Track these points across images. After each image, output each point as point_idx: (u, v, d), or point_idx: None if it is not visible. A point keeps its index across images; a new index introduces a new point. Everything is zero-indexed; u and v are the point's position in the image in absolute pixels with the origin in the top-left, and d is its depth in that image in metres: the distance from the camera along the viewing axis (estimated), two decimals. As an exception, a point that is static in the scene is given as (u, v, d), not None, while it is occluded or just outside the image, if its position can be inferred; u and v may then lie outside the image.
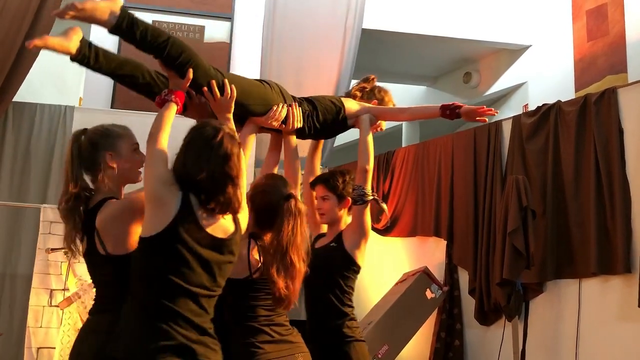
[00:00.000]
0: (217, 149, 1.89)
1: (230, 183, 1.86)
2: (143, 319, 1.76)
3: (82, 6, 1.99)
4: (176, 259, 1.79)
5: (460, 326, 4.49)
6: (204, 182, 1.85)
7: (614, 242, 3.53)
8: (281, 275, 2.05)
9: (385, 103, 2.76)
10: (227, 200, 1.86)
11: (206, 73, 2.25)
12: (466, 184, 4.54)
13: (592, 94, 3.84)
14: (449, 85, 7.37)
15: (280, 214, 2.11)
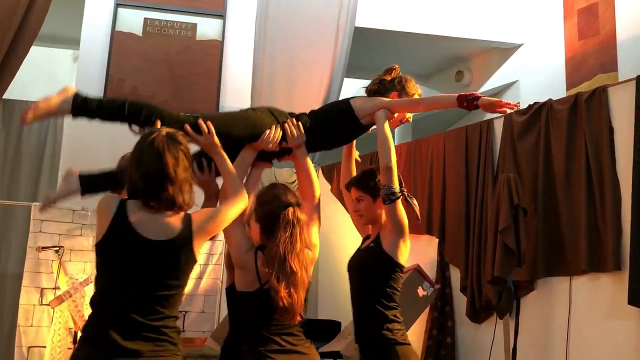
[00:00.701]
0: (149, 148, 1.94)
1: (168, 181, 1.91)
2: None
3: (37, 105, 2.12)
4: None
5: (452, 324, 4.51)
6: (139, 183, 1.92)
7: (604, 240, 3.55)
8: (282, 283, 2.04)
9: (407, 93, 2.63)
10: (169, 197, 1.91)
11: (175, 119, 2.24)
12: (458, 182, 4.56)
13: (583, 93, 3.86)
14: (441, 83, 7.39)
15: (278, 222, 2.14)
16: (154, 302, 1.89)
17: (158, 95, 5.59)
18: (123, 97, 2.31)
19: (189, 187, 1.98)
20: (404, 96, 2.57)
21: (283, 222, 2.13)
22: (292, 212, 2.18)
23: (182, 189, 1.94)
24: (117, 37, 5.55)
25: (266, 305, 2.10)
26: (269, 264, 2.10)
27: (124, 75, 5.55)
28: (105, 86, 5.48)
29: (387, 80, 2.61)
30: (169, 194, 1.90)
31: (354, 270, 2.58)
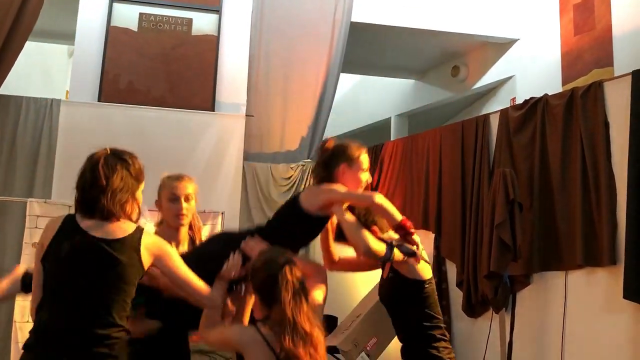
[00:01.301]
0: (88, 162, 2.07)
1: (100, 191, 1.99)
2: None
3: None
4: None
5: (448, 318, 4.52)
6: (78, 195, 2.05)
7: (599, 234, 3.56)
8: (299, 345, 1.97)
9: (353, 159, 2.43)
10: (103, 207, 1.99)
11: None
12: (454, 177, 4.57)
13: (579, 88, 3.87)
14: (437, 78, 7.39)
15: (279, 284, 2.04)
16: (99, 307, 1.91)
17: (154, 91, 5.57)
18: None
19: (130, 199, 2.05)
20: (353, 164, 2.41)
21: (283, 283, 2.03)
22: (289, 271, 2.08)
23: (118, 199, 2.00)
24: (112, 32, 5.52)
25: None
26: (280, 332, 1.99)
27: (119, 71, 5.52)
28: (100, 82, 5.46)
29: (328, 157, 2.42)
30: (102, 204, 1.98)
31: (386, 302, 2.55)
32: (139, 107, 5.41)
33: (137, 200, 2.11)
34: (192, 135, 5.44)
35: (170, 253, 2.08)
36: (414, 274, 2.41)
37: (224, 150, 5.52)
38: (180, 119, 5.46)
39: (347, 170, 2.39)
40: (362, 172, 2.44)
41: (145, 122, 5.37)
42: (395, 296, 2.46)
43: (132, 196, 2.08)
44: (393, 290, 2.46)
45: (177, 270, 2.06)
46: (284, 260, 2.11)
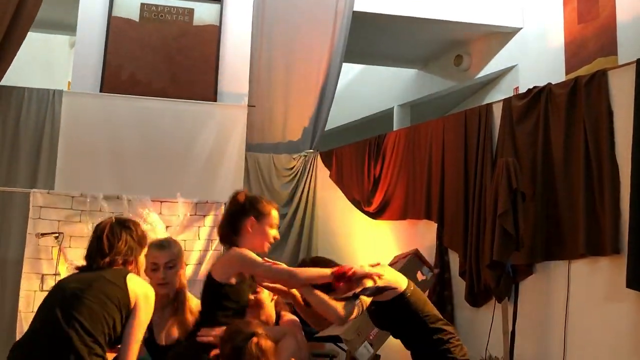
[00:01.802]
0: (93, 234, 2.28)
1: (100, 256, 2.19)
2: None
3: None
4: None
5: (451, 308, 4.53)
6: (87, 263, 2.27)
7: (602, 223, 3.56)
8: None
9: (262, 213, 2.36)
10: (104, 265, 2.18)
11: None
12: (457, 166, 4.56)
13: (582, 77, 3.85)
14: (440, 68, 7.36)
15: (244, 356, 2.07)
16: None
17: (155, 81, 5.57)
18: None
19: (133, 262, 2.20)
20: (261, 218, 2.34)
21: (247, 356, 2.05)
22: (255, 344, 2.08)
23: (118, 262, 2.15)
24: (113, 22, 5.51)
25: None
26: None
27: (121, 61, 5.52)
28: (102, 72, 5.45)
29: (236, 210, 2.35)
30: (103, 262, 2.14)
31: (384, 328, 2.58)
32: (141, 98, 5.41)
33: (139, 264, 2.22)
34: (194, 126, 5.44)
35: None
36: (391, 294, 2.37)
37: (226, 140, 5.52)
38: (182, 110, 5.46)
39: (255, 224, 2.32)
40: (270, 227, 2.37)
41: (147, 113, 5.37)
42: (387, 320, 2.45)
43: (135, 260, 2.20)
44: (383, 317, 2.44)
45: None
46: (250, 332, 2.11)
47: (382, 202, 5.21)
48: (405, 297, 2.39)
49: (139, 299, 2.11)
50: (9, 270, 4.95)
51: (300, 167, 5.92)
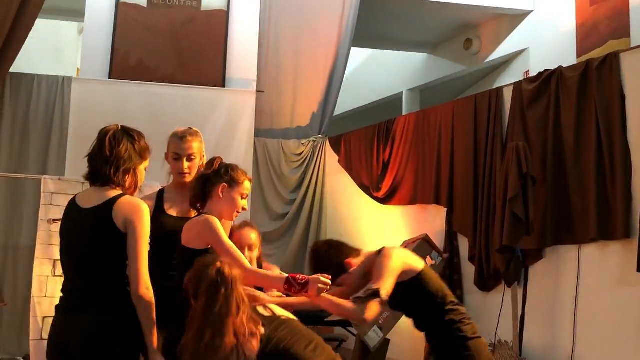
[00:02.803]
0: (98, 137, 2.26)
1: (103, 160, 2.16)
2: None
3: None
4: None
5: (460, 292, 4.53)
6: (88, 166, 2.25)
7: (613, 207, 3.53)
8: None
9: (236, 181, 2.38)
10: (105, 175, 2.15)
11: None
12: (467, 151, 4.53)
13: (594, 59, 3.80)
14: (450, 52, 7.30)
15: (203, 281, 2.02)
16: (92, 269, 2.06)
17: (163, 67, 5.56)
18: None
19: (131, 172, 2.16)
20: (234, 185, 2.36)
21: (207, 282, 1.98)
22: (216, 270, 2.00)
23: (120, 169, 2.12)
24: (122, 8, 5.50)
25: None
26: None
27: (129, 48, 5.51)
28: (110, 58, 5.46)
29: (212, 173, 2.38)
30: (104, 172, 2.12)
31: (399, 309, 2.57)
32: (149, 84, 5.41)
33: (137, 176, 2.19)
34: (203, 112, 5.44)
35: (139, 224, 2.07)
36: (409, 274, 2.38)
37: (235, 126, 5.52)
38: (191, 96, 5.46)
39: (226, 191, 2.35)
40: (240, 197, 2.38)
41: (156, 99, 5.37)
42: (403, 299, 2.43)
43: (134, 170, 2.17)
44: (398, 297, 2.39)
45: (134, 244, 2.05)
46: (213, 259, 2.07)
47: (391, 187, 5.21)
48: (420, 278, 2.41)
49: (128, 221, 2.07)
50: (21, 256, 5.01)
51: (309, 152, 5.92)
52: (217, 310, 1.95)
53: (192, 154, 2.65)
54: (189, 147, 2.65)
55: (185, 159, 2.63)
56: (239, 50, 5.72)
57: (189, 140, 2.67)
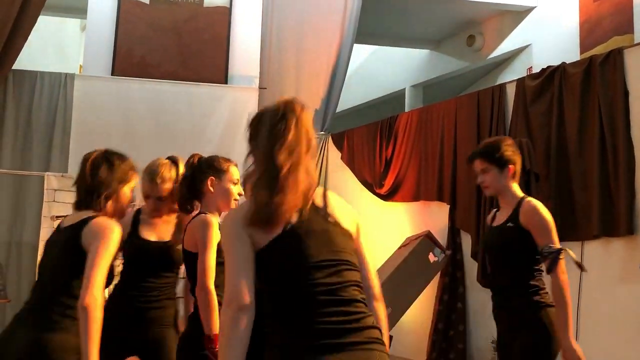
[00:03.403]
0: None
1: (82, 187, 2.15)
2: None
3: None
4: None
5: (463, 289, 4.53)
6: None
7: (616, 204, 3.53)
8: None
9: (221, 170, 2.29)
10: (82, 201, 2.16)
11: None
12: (469, 147, 4.51)
13: (598, 56, 3.79)
14: (453, 48, 7.28)
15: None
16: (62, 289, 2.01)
17: (166, 64, 5.56)
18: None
19: (112, 196, 2.11)
20: (221, 175, 2.27)
21: (271, 114, 1.59)
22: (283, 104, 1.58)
23: (101, 196, 2.09)
24: (124, 5, 5.50)
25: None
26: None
27: (132, 44, 5.51)
28: (113, 55, 5.46)
29: (193, 171, 2.29)
30: (86, 199, 2.10)
31: (496, 248, 2.48)
32: (152, 81, 5.41)
33: (120, 201, 2.14)
34: (205, 109, 5.44)
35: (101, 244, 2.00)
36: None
37: (238, 123, 5.51)
38: (193, 92, 5.46)
39: (215, 184, 2.26)
40: (232, 184, 2.29)
41: (159, 96, 5.37)
42: (508, 244, 2.41)
43: (116, 195, 2.12)
44: (507, 239, 2.41)
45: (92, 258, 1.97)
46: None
47: (394, 183, 5.20)
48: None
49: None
50: (24, 253, 5.02)
51: (312, 149, 5.91)
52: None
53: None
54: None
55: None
56: (242, 47, 5.71)
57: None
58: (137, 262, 2.44)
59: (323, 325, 1.36)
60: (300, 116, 1.52)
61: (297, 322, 1.38)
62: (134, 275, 2.42)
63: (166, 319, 2.43)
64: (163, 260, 2.43)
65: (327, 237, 1.46)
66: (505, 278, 2.43)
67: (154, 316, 2.40)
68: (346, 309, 1.39)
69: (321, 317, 1.36)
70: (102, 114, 5.21)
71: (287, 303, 1.40)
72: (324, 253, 1.42)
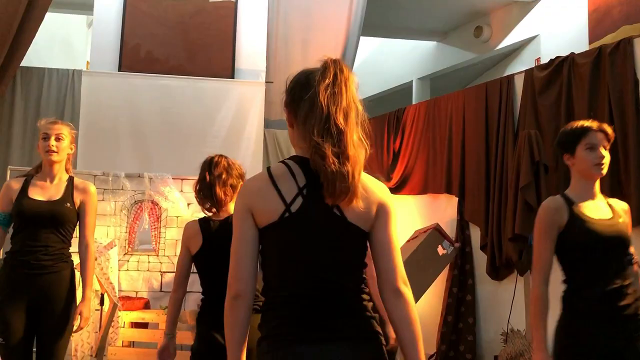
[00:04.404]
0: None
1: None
2: None
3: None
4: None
5: (472, 282, 4.52)
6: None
7: (627, 194, 3.50)
8: (328, 143, 1.45)
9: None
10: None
11: None
12: (478, 139, 4.51)
13: (607, 45, 3.76)
14: (460, 40, 7.24)
15: (315, 78, 1.54)
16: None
17: (173, 59, 5.56)
18: None
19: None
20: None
21: (321, 71, 1.48)
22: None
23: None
24: (130, 0, 5.50)
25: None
26: (307, 124, 1.44)
27: (138, 40, 5.52)
28: (120, 51, 5.46)
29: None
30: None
31: (618, 246, 2.25)
32: (159, 76, 5.41)
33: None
34: (212, 103, 5.44)
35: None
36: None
37: (245, 117, 5.52)
38: (200, 87, 5.46)
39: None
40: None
41: (166, 91, 5.38)
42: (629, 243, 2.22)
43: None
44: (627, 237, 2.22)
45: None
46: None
47: (402, 176, 5.19)
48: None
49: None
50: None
51: (319, 143, 5.91)
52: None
53: (60, 134, 2.70)
54: (57, 128, 2.71)
55: (53, 138, 2.69)
56: (248, 41, 5.70)
57: (59, 123, 2.75)
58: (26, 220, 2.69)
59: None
60: (349, 78, 1.51)
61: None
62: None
63: None
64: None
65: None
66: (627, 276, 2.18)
67: None
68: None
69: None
70: (109, 109, 5.22)
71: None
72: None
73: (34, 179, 2.70)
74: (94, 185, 2.87)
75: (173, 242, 4.51)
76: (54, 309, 2.51)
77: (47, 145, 2.66)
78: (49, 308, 2.51)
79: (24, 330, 2.48)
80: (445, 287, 4.58)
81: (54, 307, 2.51)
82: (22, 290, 2.50)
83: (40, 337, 2.51)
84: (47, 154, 2.67)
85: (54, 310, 2.51)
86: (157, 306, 4.29)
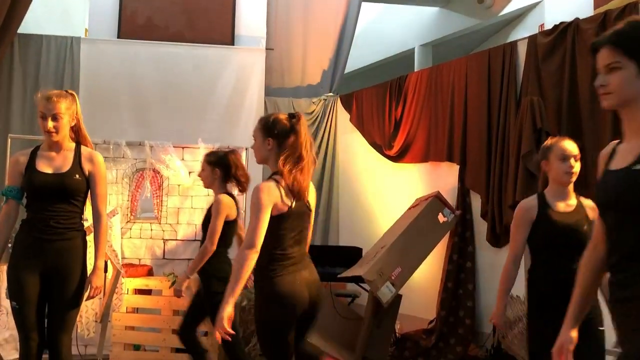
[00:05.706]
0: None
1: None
2: None
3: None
4: None
5: (472, 249, 4.55)
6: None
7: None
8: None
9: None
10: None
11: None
12: (480, 107, 4.48)
13: (612, 10, 3.70)
14: (463, 5, 7.14)
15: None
16: None
17: (172, 26, 5.50)
18: None
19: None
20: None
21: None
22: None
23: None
24: (128, -35, 5.41)
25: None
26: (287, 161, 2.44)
27: (137, 6, 5.44)
28: (119, 18, 5.40)
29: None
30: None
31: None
32: (158, 43, 5.36)
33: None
34: (212, 71, 5.40)
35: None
36: None
37: (245, 85, 5.48)
38: (200, 54, 5.41)
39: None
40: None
41: (166, 58, 5.33)
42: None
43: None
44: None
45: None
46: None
47: (404, 145, 5.18)
48: None
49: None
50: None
51: (320, 111, 5.88)
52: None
53: (57, 113, 2.67)
54: (54, 107, 2.67)
55: (50, 118, 2.66)
56: (248, 7, 5.63)
57: (55, 100, 2.68)
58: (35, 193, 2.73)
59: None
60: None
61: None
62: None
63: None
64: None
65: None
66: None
67: None
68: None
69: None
70: (109, 77, 5.19)
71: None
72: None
73: (40, 150, 2.70)
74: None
75: (175, 210, 4.53)
76: (65, 277, 2.53)
77: (45, 126, 2.66)
78: (60, 276, 2.53)
79: (37, 296, 2.51)
80: (445, 254, 4.62)
81: (65, 276, 2.53)
82: (36, 254, 2.52)
83: (52, 304, 2.54)
84: (47, 135, 2.67)
85: (65, 279, 2.53)
86: (160, 273, 4.33)
